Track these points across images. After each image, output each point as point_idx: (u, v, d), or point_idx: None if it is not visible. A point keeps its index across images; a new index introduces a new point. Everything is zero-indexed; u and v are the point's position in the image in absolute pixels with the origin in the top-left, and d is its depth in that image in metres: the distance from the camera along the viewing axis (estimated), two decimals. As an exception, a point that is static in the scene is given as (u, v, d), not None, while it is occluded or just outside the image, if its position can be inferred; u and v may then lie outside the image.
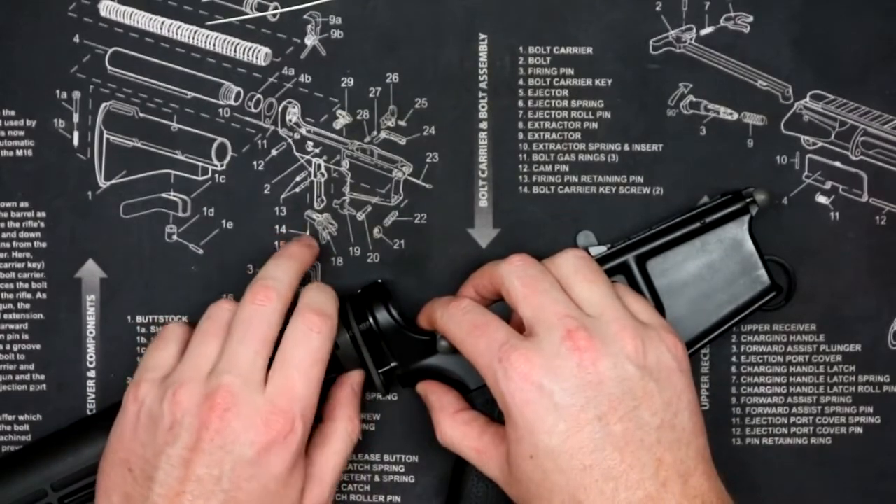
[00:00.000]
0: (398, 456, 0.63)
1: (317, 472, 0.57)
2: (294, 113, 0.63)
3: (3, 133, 0.63)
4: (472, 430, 0.56)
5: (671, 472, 0.51)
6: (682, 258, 0.60)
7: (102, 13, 0.63)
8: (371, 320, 0.58)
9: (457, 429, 0.57)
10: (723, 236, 0.60)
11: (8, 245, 0.63)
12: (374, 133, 0.63)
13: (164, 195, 0.63)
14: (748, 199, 0.60)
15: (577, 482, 0.50)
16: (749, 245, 0.60)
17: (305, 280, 0.62)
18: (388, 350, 0.59)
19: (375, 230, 0.63)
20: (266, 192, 0.63)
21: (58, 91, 0.63)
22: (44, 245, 0.63)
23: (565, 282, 0.55)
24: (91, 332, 0.63)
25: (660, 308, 0.60)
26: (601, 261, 0.60)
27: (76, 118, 0.63)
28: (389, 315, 0.59)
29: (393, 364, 0.59)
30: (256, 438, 0.53)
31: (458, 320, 0.55)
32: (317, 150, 0.63)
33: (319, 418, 0.58)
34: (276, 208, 0.63)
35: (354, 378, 0.60)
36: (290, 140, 0.63)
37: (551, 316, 0.53)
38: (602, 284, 0.55)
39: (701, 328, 0.60)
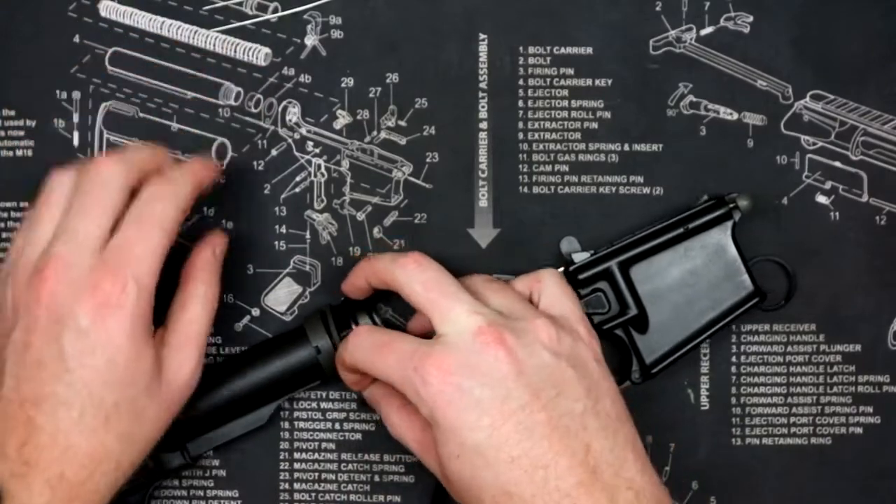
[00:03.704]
0: (398, 456, 0.63)
1: (175, 340, 0.54)
2: (294, 113, 0.63)
3: (3, 133, 0.63)
4: (415, 423, 0.55)
5: (600, 460, 0.50)
6: (665, 264, 0.60)
7: (102, 13, 0.63)
8: (354, 327, 0.58)
9: (403, 420, 0.56)
10: (706, 242, 0.60)
11: (8, 245, 0.63)
12: (374, 133, 0.63)
13: (164, 195, 0.63)
14: (731, 205, 0.60)
15: (506, 476, 0.49)
16: (732, 251, 0.60)
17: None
18: None
19: (375, 230, 0.63)
20: (266, 192, 0.63)
21: (58, 91, 0.63)
22: (44, 245, 0.63)
23: (475, 296, 0.54)
24: (91, 332, 0.63)
25: (643, 313, 0.60)
26: (584, 267, 0.60)
27: (76, 118, 0.63)
28: (372, 321, 0.58)
29: None
30: (86, 303, 0.49)
31: (362, 347, 0.54)
32: (317, 150, 0.63)
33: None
34: (276, 208, 0.63)
35: (216, 240, 0.58)
36: (290, 140, 0.63)
37: (460, 315, 0.52)
38: (510, 293, 0.55)
39: (685, 334, 0.60)
